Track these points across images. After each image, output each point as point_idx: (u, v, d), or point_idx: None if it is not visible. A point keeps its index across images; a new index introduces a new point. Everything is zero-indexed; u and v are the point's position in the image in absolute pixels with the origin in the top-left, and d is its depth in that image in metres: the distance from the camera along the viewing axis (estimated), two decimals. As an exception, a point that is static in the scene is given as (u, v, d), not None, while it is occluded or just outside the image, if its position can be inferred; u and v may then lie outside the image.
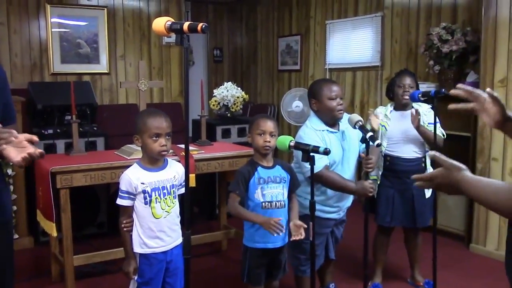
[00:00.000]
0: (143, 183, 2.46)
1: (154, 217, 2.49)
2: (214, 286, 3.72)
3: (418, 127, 3.33)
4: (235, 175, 2.72)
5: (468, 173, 1.45)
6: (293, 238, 2.61)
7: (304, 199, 2.92)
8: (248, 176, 2.66)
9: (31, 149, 1.68)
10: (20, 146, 1.69)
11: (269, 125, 2.69)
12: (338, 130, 3.05)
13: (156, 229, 2.49)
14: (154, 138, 2.44)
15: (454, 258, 4.24)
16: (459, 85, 1.70)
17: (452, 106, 1.71)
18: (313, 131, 2.99)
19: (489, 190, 1.39)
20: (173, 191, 2.54)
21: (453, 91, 1.71)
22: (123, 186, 2.46)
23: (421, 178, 1.56)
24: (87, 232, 4.59)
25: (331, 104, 2.97)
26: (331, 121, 3.02)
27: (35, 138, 1.72)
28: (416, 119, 3.32)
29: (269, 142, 2.66)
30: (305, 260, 3.09)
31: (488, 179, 1.43)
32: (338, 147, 3.00)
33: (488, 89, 1.63)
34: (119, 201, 2.48)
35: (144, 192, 2.46)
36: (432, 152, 1.55)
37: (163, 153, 2.48)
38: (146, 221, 2.48)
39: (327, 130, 3.01)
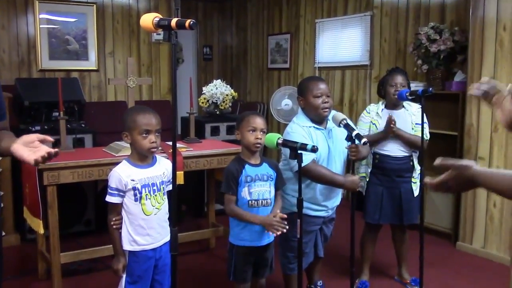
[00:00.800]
0: (133, 180, 2.45)
1: (145, 213, 2.48)
2: (202, 283, 3.71)
3: (394, 133, 3.36)
4: (224, 175, 2.71)
5: (478, 168, 1.46)
6: (279, 233, 2.59)
7: (292, 196, 2.93)
8: (237, 174, 2.66)
9: (48, 148, 1.67)
10: (32, 146, 1.68)
11: (260, 121, 2.69)
12: (325, 128, 3.05)
13: (147, 226, 2.49)
14: (144, 135, 2.43)
15: (441, 255, 4.27)
16: (475, 85, 1.69)
17: (472, 91, 1.70)
18: (300, 127, 2.99)
19: (505, 181, 1.42)
20: (163, 187, 2.53)
21: (470, 92, 1.71)
22: (112, 183, 2.45)
23: (435, 186, 1.54)
24: (74, 230, 4.56)
25: (316, 102, 2.97)
26: (317, 118, 3.03)
27: (49, 138, 1.72)
28: (390, 128, 3.34)
29: (260, 139, 2.66)
30: (294, 258, 3.09)
31: (499, 170, 1.46)
32: (324, 144, 3.00)
33: (509, 88, 1.60)
34: (108, 198, 2.46)
35: (134, 189, 2.45)
36: (438, 161, 1.53)
37: (153, 150, 2.47)
38: (136, 218, 2.47)
39: (314, 127, 3.01)
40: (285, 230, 2.59)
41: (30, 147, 1.68)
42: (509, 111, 1.58)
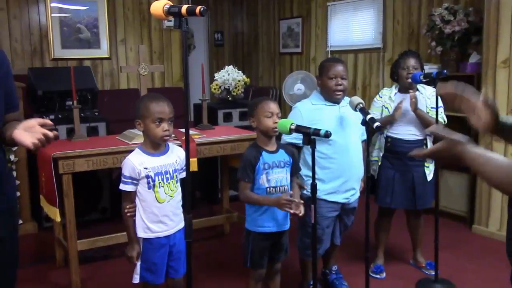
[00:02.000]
0: (146, 168, 2.46)
1: (158, 201, 2.49)
2: (216, 269, 3.74)
3: (415, 110, 3.33)
4: (242, 162, 2.71)
5: (469, 147, 1.41)
6: (292, 211, 2.57)
7: (305, 181, 2.94)
8: (255, 162, 2.66)
9: (44, 130, 1.67)
10: (33, 131, 1.68)
11: (275, 106, 2.69)
12: (338, 104, 3.07)
13: (160, 214, 2.50)
14: (157, 123, 2.44)
15: (456, 239, 4.25)
16: (443, 86, 1.64)
17: (442, 91, 1.66)
18: (302, 107, 3.06)
19: (489, 166, 1.36)
20: (176, 175, 2.54)
21: (440, 92, 1.66)
22: (126, 172, 2.46)
23: (422, 154, 1.54)
24: (90, 217, 4.61)
25: (329, 83, 3.01)
26: (331, 99, 3.06)
27: (48, 122, 1.72)
28: (413, 103, 3.30)
29: (277, 123, 2.66)
30: (310, 243, 3.10)
31: (490, 154, 1.38)
32: (333, 119, 3.00)
33: (482, 94, 1.56)
34: (122, 186, 2.48)
35: (147, 177, 2.46)
36: (432, 127, 1.51)
37: (166, 138, 2.48)
38: (149, 205, 2.49)
39: (325, 104, 3.05)
40: (298, 212, 2.57)
41: (31, 132, 1.68)
42: (485, 118, 1.55)
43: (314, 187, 2.49)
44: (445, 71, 3.28)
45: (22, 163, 4.33)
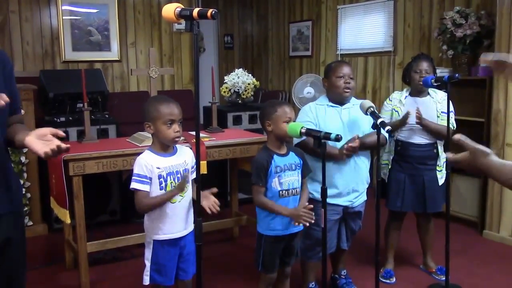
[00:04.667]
0: (158, 168, 2.46)
1: (171, 202, 2.49)
2: (226, 272, 3.73)
3: (420, 123, 3.31)
4: (253, 166, 2.70)
5: (494, 158, 1.44)
6: (303, 223, 2.59)
7: (310, 183, 2.95)
8: (267, 165, 2.65)
9: (59, 142, 1.70)
10: (45, 139, 1.71)
11: (292, 112, 2.69)
12: (341, 106, 3.09)
13: (172, 214, 2.51)
14: (168, 125, 2.44)
15: (467, 244, 4.21)
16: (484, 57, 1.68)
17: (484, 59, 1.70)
18: (307, 109, 3.12)
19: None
20: (186, 175, 2.54)
21: (482, 60, 1.71)
22: (139, 170, 2.45)
23: (454, 159, 1.54)
24: (100, 219, 4.62)
25: (338, 82, 3.05)
26: (338, 99, 3.08)
27: (60, 132, 1.75)
28: (417, 118, 3.29)
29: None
30: (312, 245, 3.10)
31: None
32: (336, 121, 3.03)
33: None
34: (134, 185, 2.43)
35: (160, 177, 2.46)
36: (457, 136, 1.52)
37: (177, 139, 2.49)
38: (162, 206, 2.49)
39: (327, 105, 3.10)
40: (312, 221, 2.59)
41: (43, 140, 1.71)
42: None
43: (324, 191, 2.48)
44: (457, 74, 3.25)
45: (33, 165, 4.36)
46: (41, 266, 3.83)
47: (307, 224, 2.58)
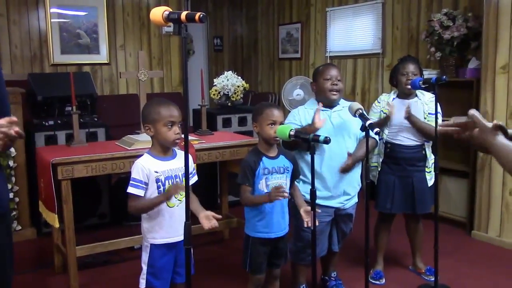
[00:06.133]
0: (156, 172, 2.46)
1: (168, 206, 2.49)
2: (217, 275, 3.73)
3: (409, 118, 3.33)
4: (242, 166, 2.71)
5: (501, 138, 1.54)
6: (306, 224, 2.61)
7: (301, 185, 2.96)
8: (255, 166, 2.66)
9: (4, 128, 1.67)
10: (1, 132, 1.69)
11: (278, 114, 2.68)
12: (331, 109, 3.11)
13: (170, 218, 2.50)
14: (169, 126, 2.44)
15: (456, 245, 4.24)
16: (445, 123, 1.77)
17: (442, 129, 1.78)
18: (295, 112, 3.14)
19: (509, 157, 1.49)
20: (177, 185, 2.53)
21: (440, 129, 1.81)
22: (137, 175, 2.44)
23: (457, 125, 1.65)
24: (89, 223, 4.60)
25: (325, 84, 3.08)
26: (327, 102, 3.09)
27: (13, 118, 1.72)
28: (406, 112, 3.31)
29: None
30: (302, 247, 3.11)
31: None
32: (326, 123, 3.01)
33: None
34: (131, 190, 2.44)
35: (157, 181, 2.46)
36: (472, 111, 1.61)
37: (177, 141, 2.49)
38: (160, 210, 2.48)
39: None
40: (285, 195, 2.56)
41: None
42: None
43: (313, 193, 2.49)
44: (444, 76, 3.28)
45: (21, 169, 4.33)
46: (29, 270, 3.80)
47: (286, 196, 2.55)
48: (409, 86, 3.37)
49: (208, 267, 3.83)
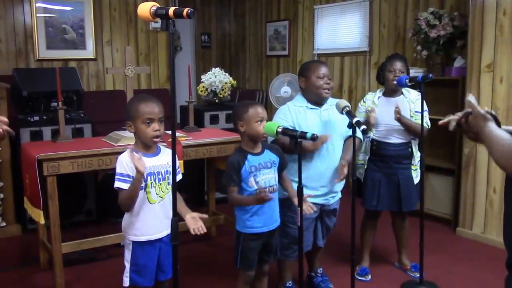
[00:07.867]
0: None
1: (149, 202, 2.48)
2: (204, 272, 3.73)
3: (399, 119, 3.35)
4: (226, 167, 2.72)
5: (491, 125, 1.62)
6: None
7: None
8: (238, 166, 2.66)
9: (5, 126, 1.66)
10: None
11: (264, 112, 2.70)
12: (320, 107, 3.10)
13: (151, 215, 2.49)
14: (147, 123, 2.43)
15: (441, 241, 4.29)
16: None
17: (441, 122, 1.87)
18: (286, 109, 3.10)
19: (497, 144, 1.56)
20: (167, 177, 2.53)
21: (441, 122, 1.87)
22: (121, 169, 2.42)
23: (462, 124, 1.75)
24: (75, 220, 4.57)
25: (318, 82, 3.05)
26: (317, 99, 3.09)
27: (4, 119, 1.71)
28: (396, 112, 3.33)
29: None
30: (288, 244, 3.12)
31: (501, 135, 1.58)
32: (316, 122, 3.04)
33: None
34: (118, 184, 2.42)
35: None
36: (471, 97, 1.70)
37: (156, 138, 2.47)
38: (140, 206, 2.47)
39: (306, 107, 3.09)
40: (272, 196, 2.60)
41: None
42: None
43: (300, 190, 2.49)
44: (430, 75, 3.31)
45: (6, 165, 4.28)
46: (14, 267, 3.77)
47: (271, 197, 2.57)
48: (395, 82, 3.39)
49: (195, 264, 3.83)
